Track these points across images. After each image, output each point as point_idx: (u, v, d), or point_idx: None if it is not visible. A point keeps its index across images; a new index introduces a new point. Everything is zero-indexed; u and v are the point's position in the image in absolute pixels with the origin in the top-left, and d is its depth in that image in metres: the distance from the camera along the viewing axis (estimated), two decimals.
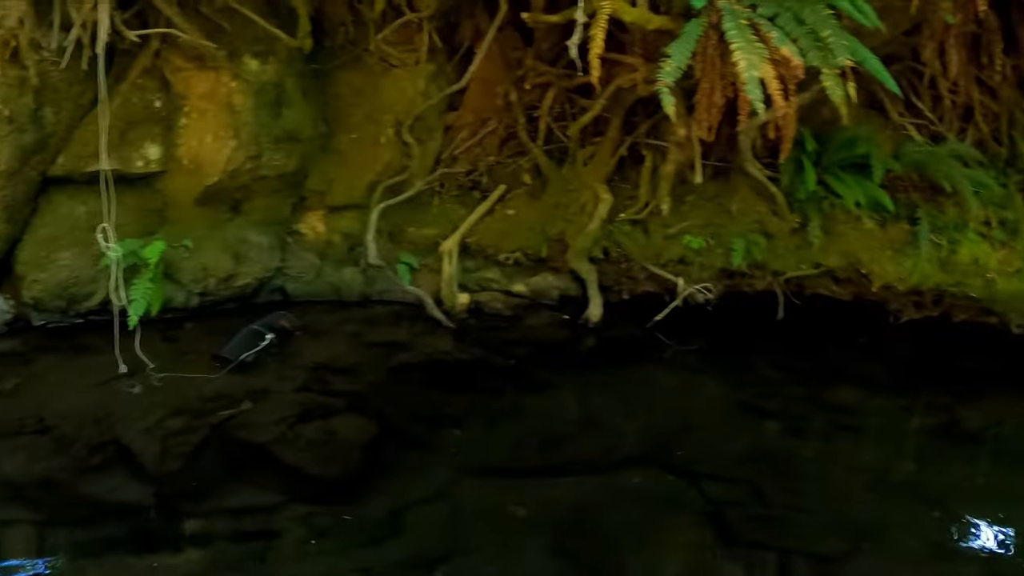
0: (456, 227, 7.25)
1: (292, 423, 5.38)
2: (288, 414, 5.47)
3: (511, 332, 6.96)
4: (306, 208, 7.20)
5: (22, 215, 6.23)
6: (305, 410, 5.55)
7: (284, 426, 5.36)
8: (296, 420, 5.43)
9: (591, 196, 7.23)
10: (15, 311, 6.46)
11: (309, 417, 5.48)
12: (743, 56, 5.45)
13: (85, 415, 5.36)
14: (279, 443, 5.23)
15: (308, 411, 5.55)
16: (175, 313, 6.79)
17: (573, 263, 7.15)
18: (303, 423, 5.41)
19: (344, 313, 7.11)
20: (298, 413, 5.49)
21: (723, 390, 6.28)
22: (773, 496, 4.87)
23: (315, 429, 5.38)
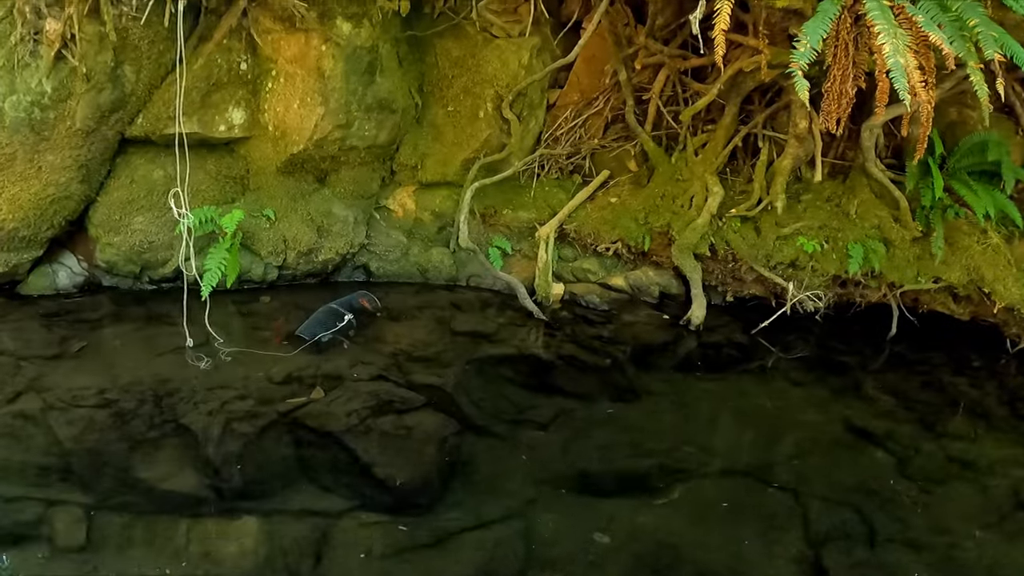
0: (554, 212, 6.68)
1: (365, 415, 4.88)
2: (361, 405, 4.97)
3: (606, 329, 6.36)
4: (396, 183, 6.68)
5: (98, 176, 5.84)
6: (380, 401, 5.05)
7: (356, 418, 4.86)
8: (370, 412, 4.93)
9: (701, 188, 6.62)
10: (87, 273, 6.09)
11: (384, 410, 4.99)
12: (888, 40, 4.75)
13: (146, 389, 4.98)
14: (349, 436, 4.76)
15: (383, 403, 5.05)
16: (251, 286, 6.34)
17: (677, 259, 6.52)
18: (377, 416, 4.92)
19: (429, 296, 6.58)
20: (372, 404, 5.00)
21: (829, 409, 5.58)
22: (881, 530, 4.36)
23: (389, 423, 4.88)
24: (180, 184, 5.25)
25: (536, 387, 5.58)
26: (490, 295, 6.68)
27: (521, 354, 5.95)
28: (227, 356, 5.34)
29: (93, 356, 5.35)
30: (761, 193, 6.61)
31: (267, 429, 4.78)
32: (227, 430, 4.69)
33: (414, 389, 5.27)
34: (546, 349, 6.03)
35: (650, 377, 5.84)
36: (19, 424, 4.65)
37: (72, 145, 5.55)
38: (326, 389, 5.13)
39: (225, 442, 4.62)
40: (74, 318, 5.78)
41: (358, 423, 4.82)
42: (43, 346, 5.39)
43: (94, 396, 4.90)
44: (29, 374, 5.07)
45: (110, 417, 4.73)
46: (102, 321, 5.79)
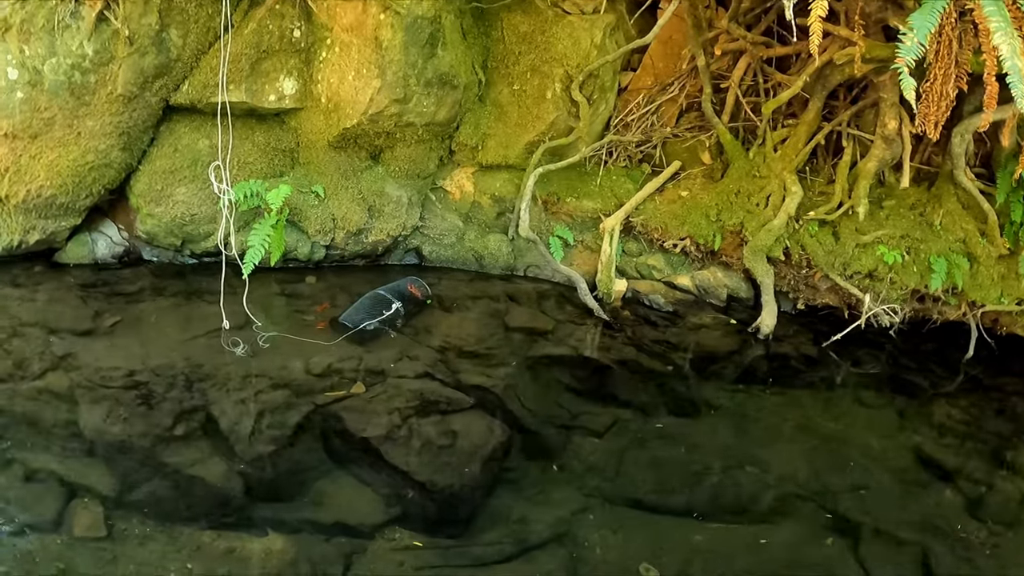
0: (621, 203, 6.15)
1: (408, 415, 4.44)
2: (405, 404, 4.53)
3: (670, 332, 5.83)
4: (454, 163, 6.19)
5: (140, 143, 5.44)
6: (425, 401, 4.60)
7: (398, 418, 4.41)
8: (413, 413, 4.49)
9: (778, 186, 6.07)
10: (127, 243, 5.71)
11: (428, 411, 4.55)
12: (1005, 41, 4.30)
13: (178, 373, 4.59)
14: (389, 440, 4.31)
15: (428, 403, 4.60)
16: (296, 265, 5.90)
17: (749, 261, 5.98)
18: (420, 417, 4.47)
19: (483, 286, 6.09)
20: (417, 405, 4.55)
21: (897, 435, 5.05)
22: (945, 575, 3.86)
23: (433, 427, 4.42)
24: (221, 157, 4.77)
25: (591, 393, 5.10)
26: (548, 287, 6.19)
27: (578, 356, 5.44)
28: (265, 342, 4.91)
29: (126, 333, 4.96)
30: (842, 196, 6.09)
31: (302, 425, 4.39)
32: (260, 424, 4.31)
33: (462, 390, 4.81)
34: (605, 352, 5.51)
35: (712, 388, 5.30)
36: (44, 403, 4.32)
37: (113, 111, 5.14)
38: (368, 384, 4.70)
39: (257, 436, 4.23)
40: (110, 290, 5.41)
41: (400, 425, 4.36)
42: (76, 320, 5.03)
43: (123, 378, 4.53)
44: (59, 349, 4.72)
45: (138, 402, 4.37)
46: (139, 295, 5.41)
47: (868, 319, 5.88)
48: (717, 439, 4.78)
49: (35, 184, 5.19)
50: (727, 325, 5.99)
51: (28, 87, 5.01)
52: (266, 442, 4.19)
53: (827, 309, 6.20)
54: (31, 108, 5.08)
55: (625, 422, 4.78)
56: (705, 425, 4.91)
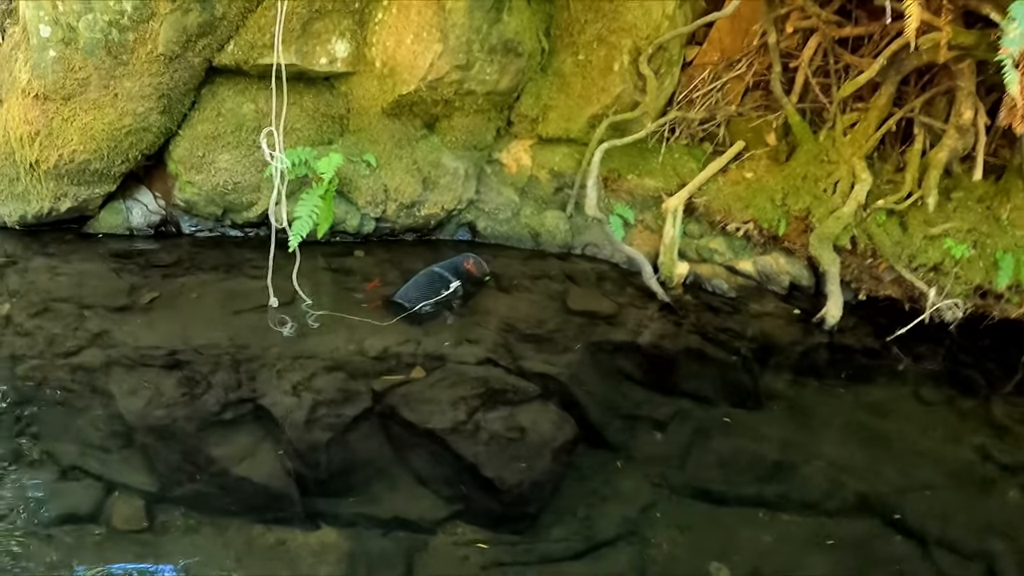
0: (683, 182, 5.72)
1: (474, 408, 4.02)
2: (469, 393, 4.11)
3: (733, 320, 5.38)
4: (511, 135, 5.74)
5: (180, 107, 5.02)
6: (490, 390, 4.18)
7: (463, 410, 3.99)
8: (479, 404, 4.07)
9: (847, 173, 5.62)
10: (163, 212, 5.29)
11: (494, 402, 4.12)
12: None
13: (222, 354, 4.20)
14: (455, 434, 3.89)
15: (493, 392, 4.17)
16: (343, 238, 5.47)
17: (815, 249, 5.54)
18: (487, 409, 4.06)
19: (539, 264, 5.66)
20: (481, 394, 4.13)
21: (960, 435, 4.64)
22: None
23: (500, 420, 4.00)
24: (275, 122, 4.32)
25: (655, 382, 4.68)
26: (607, 268, 5.76)
27: (642, 342, 4.98)
28: (315, 321, 4.49)
29: (165, 310, 4.56)
30: (912, 186, 5.64)
31: (359, 415, 3.97)
32: (313, 413, 3.90)
33: (526, 377, 4.38)
34: (669, 339, 5.05)
35: (775, 379, 4.90)
36: (78, 386, 3.96)
37: (153, 72, 4.71)
38: (427, 369, 4.30)
39: (310, 427, 3.83)
40: (146, 262, 5.01)
41: (465, 419, 3.94)
42: (110, 294, 4.63)
43: (163, 358, 4.14)
44: (92, 326, 4.34)
45: (180, 386, 3.98)
46: (177, 268, 5.01)
47: None
48: (782, 432, 4.42)
49: (68, 148, 4.77)
50: (791, 314, 5.56)
51: (61, 45, 4.59)
52: (321, 430, 3.80)
53: (888, 301, 5.78)
54: (64, 68, 4.67)
55: (689, 412, 4.43)
56: (769, 417, 4.54)
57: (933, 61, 5.37)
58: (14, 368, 4.01)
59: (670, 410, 4.42)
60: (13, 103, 4.81)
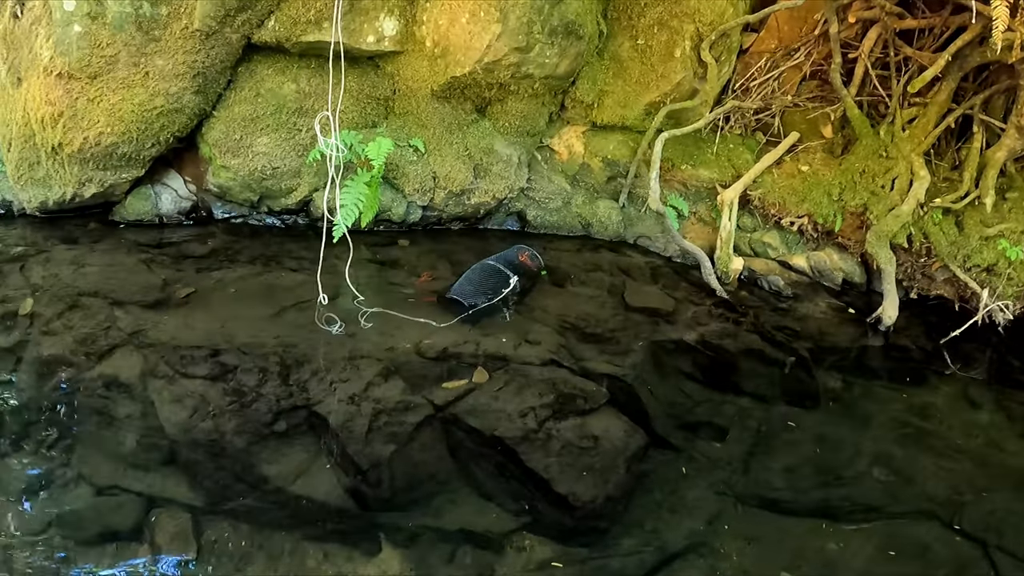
0: (738, 174, 5.45)
1: (544, 417, 3.69)
2: (537, 401, 3.77)
3: (791, 318, 5.08)
4: (564, 121, 5.37)
5: (216, 86, 4.62)
6: (558, 395, 3.84)
7: (533, 419, 3.65)
8: (549, 413, 3.74)
9: (905, 169, 5.36)
10: (195, 198, 4.89)
11: (564, 409, 3.79)
12: None
13: (269, 356, 3.83)
14: (525, 444, 3.56)
15: (562, 398, 3.83)
16: (388, 227, 5.08)
17: (872, 247, 5.27)
18: (557, 418, 3.72)
19: (592, 256, 5.30)
20: (550, 401, 3.80)
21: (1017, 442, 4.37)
22: None
23: (572, 430, 3.67)
24: (331, 105, 3.93)
25: (714, 382, 4.36)
26: (660, 261, 5.41)
27: (702, 341, 4.65)
28: (367, 321, 4.10)
29: (202, 306, 4.17)
30: (969, 185, 5.40)
31: (422, 425, 3.62)
32: (374, 422, 3.55)
33: (592, 379, 4.05)
34: (729, 338, 4.72)
35: (833, 380, 4.60)
36: (114, 394, 3.57)
37: (187, 49, 4.31)
38: (490, 371, 3.92)
39: (371, 437, 3.47)
40: (177, 253, 4.61)
41: (536, 428, 3.60)
42: (141, 289, 4.25)
43: (206, 362, 3.77)
44: (125, 325, 3.95)
45: (227, 395, 3.61)
46: (211, 260, 4.61)
47: None
48: (842, 435, 4.14)
49: (93, 131, 4.37)
50: (846, 313, 5.28)
51: (88, 20, 4.19)
52: (382, 442, 3.45)
53: (938, 300, 5.55)
54: (91, 44, 4.26)
55: (749, 413, 4.14)
56: (828, 418, 4.26)
57: (1001, 60, 5.13)
58: (43, 373, 3.64)
59: (731, 411, 4.13)
60: (33, 82, 4.41)
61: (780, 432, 4.05)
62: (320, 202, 4.64)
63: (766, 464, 3.80)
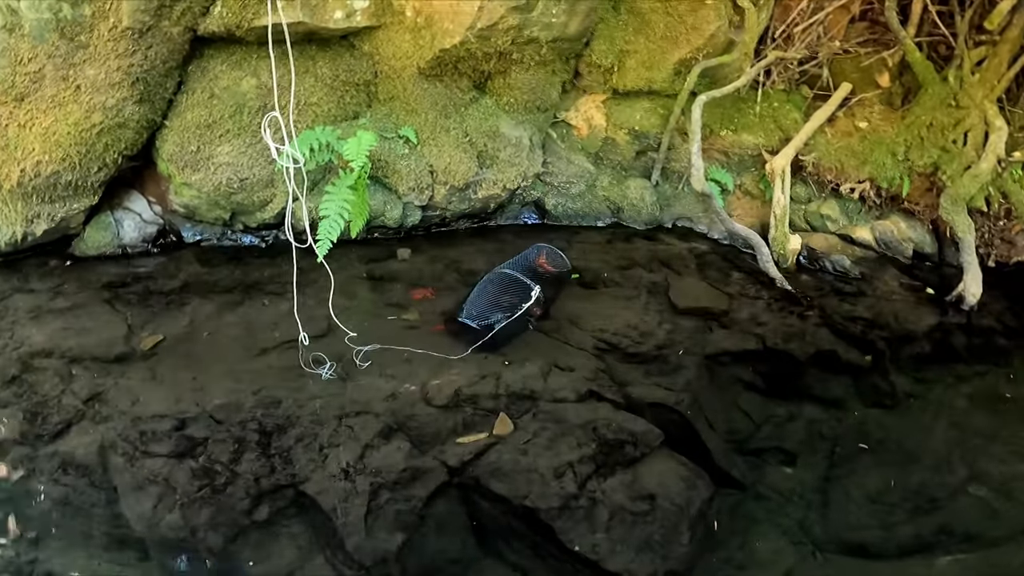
0: (787, 137, 4.71)
1: (586, 475, 3.02)
2: (575, 455, 3.11)
3: (862, 305, 4.31)
4: (579, 90, 4.57)
5: (162, 91, 3.87)
6: (601, 443, 3.13)
7: (572, 480, 2.98)
8: (591, 468, 3.03)
9: (979, 120, 4.59)
10: (161, 221, 4.16)
11: (609, 461, 3.09)
12: None
13: (247, 420, 3.13)
14: (565, 517, 2.87)
15: (606, 447, 3.12)
16: (383, 234, 4.33)
17: (947, 212, 4.52)
18: (601, 475, 3.04)
19: (626, 248, 4.55)
20: (592, 453, 3.10)
21: None
22: None
23: (621, 489, 2.98)
24: (279, 102, 3.13)
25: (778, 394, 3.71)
26: (705, 247, 4.68)
27: (764, 346, 3.89)
28: (360, 360, 3.34)
29: (171, 358, 3.46)
30: None
31: (434, 497, 2.93)
32: (375, 501, 2.86)
33: (640, 413, 3.32)
34: (795, 338, 3.96)
35: (914, 378, 3.90)
36: (72, 480, 2.93)
37: (120, 52, 3.57)
38: (514, 416, 3.18)
39: (373, 525, 2.79)
40: (145, 289, 3.91)
41: (576, 492, 2.91)
42: (105, 340, 3.54)
43: (173, 434, 3.07)
44: (83, 388, 3.27)
45: (195, 477, 2.92)
46: (183, 294, 3.91)
47: None
48: (930, 445, 3.52)
49: (30, 160, 3.67)
50: (920, 292, 4.52)
51: (3, 33, 3.48)
52: (386, 527, 2.78)
53: (1019, 267, 4.79)
54: (11, 61, 3.58)
55: (821, 430, 3.51)
56: (914, 428, 3.60)
57: None
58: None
59: (800, 429, 3.50)
60: None
61: (858, 450, 3.41)
62: (300, 212, 3.88)
63: (845, 493, 3.19)
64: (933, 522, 3.09)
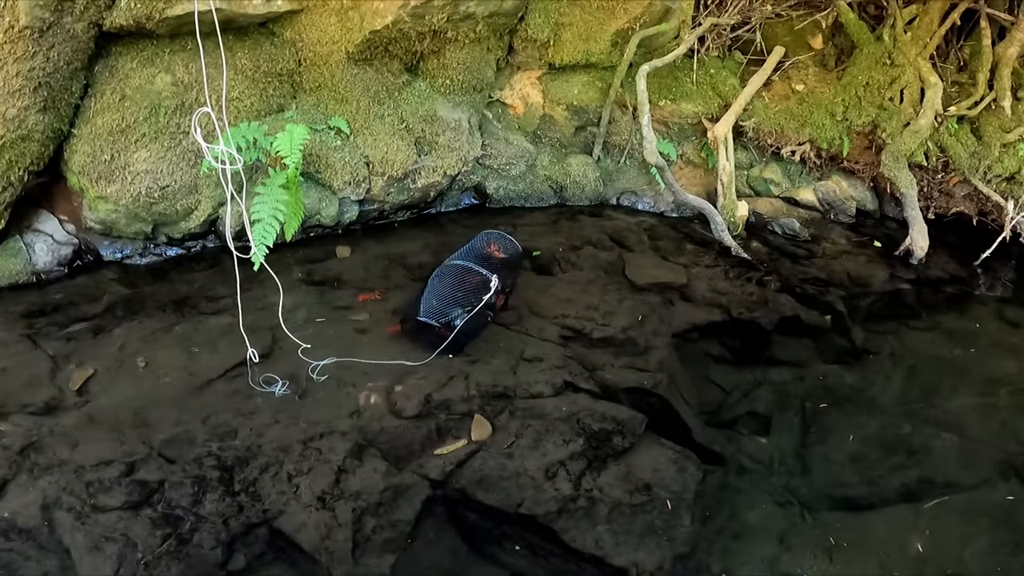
0: (726, 103, 4.61)
1: (579, 472, 2.86)
2: (563, 453, 2.95)
3: (815, 267, 4.29)
4: (515, 67, 4.28)
5: (68, 96, 3.45)
6: (590, 437, 2.95)
7: (566, 479, 2.84)
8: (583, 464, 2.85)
9: (914, 77, 4.62)
10: (76, 241, 3.73)
11: (600, 454, 2.92)
12: None
13: (202, 455, 2.79)
14: (565, 518, 2.67)
15: (594, 439, 2.95)
16: (319, 232, 4.00)
17: (889, 169, 4.53)
18: (595, 469, 2.86)
19: (574, 227, 4.35)
20: (582, 448, 2.92)
21: None
22: None
23: (617, 482, 2.82)
24: (211, 96, 2.78)
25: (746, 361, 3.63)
26: (654, 220, 4.54)
27: (729, 316, 3.77)
28: (316, 375, 3.05)
29: (106, 391, 3.07)
30: (984, 88, 4.68)
31: (422, 516, 2.69)
32: (360, 532, 2.58)
33: (617, 399, 3.17)
34: (759, 306, 3.86)
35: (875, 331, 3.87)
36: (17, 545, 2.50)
37: (19, 55, 3.16)
38: (492, 418, 2.94)
39: (362, 557, 2.53)
40: (66, 318, 3.50)
41: (572, 492, 2.71)
42: (28, 380, 3.12)
43: (123, 481, 2.68)
44: (14, 440, 2.83)
45: (156, 527, 2.56)
46: (109, 318, 3.52)
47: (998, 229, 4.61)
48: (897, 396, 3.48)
49: None
50: (869, 247, 4.55)
51: None
52: (376, 554, 2.52)
53: (956, 217, 4.85)
54: None
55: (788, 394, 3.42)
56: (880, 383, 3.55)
57: None
58: None
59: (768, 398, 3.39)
60: None
61: (829, 409, 3.33)
62: (239, 216, 3.54)
63: (823, 454, 3.12)
64: (912, 472, 3.05)
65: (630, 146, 4.45)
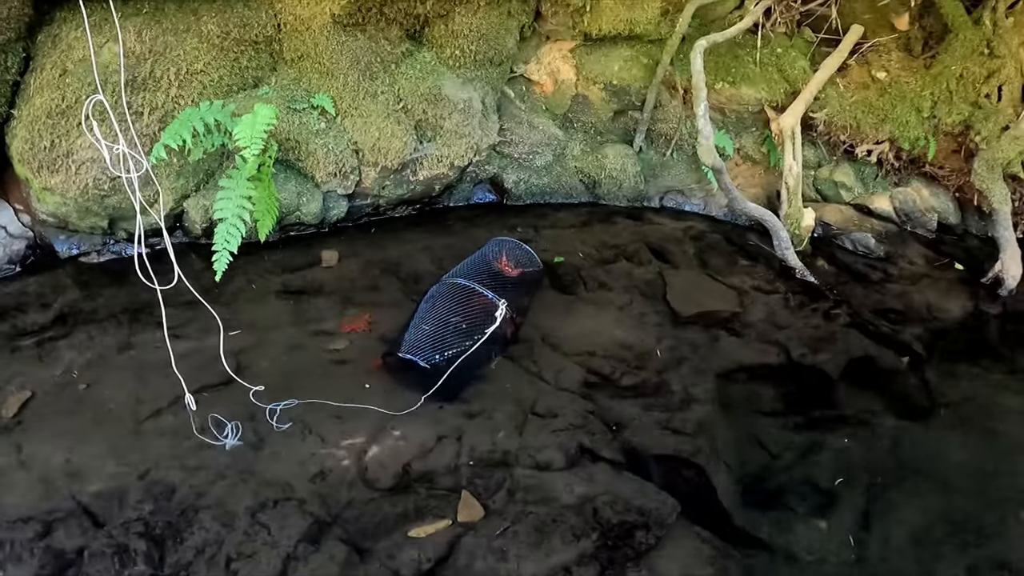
0: (794, 90, 3.98)
1: None
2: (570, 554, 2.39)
3: (887, 293, 3.67)
4: (542, 37, 3.67)
5: (4, 72, 2.97)
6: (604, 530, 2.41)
7: None
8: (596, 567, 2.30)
9: (1015, 72, 3.93)
10: (31, 234, 3.27)
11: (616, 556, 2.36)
12: None
13: (131, 525, 2.31)
14: None
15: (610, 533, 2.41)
16: (300, 232, 3.47)
17: (981, 180, 3.92)
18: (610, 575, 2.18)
19: (608, 232, 3.82)
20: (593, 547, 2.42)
21: None
22: None
23: None
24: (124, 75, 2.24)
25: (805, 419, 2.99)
26: (703, 226, 3.99)
27: (788, 358, 3.20)
28: (278, 424, 2.55)
29: (40, 423, 2.66)
30: None
31: None
32: None
33: (646, 472, 2.64)
34: (824, 345, 3.26)
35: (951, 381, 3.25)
36: None
37: None
38: (482, 494, 2.45)
39: None
40: (12, 327, 3.07)
41: None
42: None
43: (36, 546, 2.26)
44: None
45: None
46: (57, 330, 3.08)
47: None
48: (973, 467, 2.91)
49: None
50: (950, 270, 3.92)
51: None
52: None
53: None
54: None
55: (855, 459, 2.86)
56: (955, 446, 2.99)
57: None
58: None
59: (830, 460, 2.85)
60: None
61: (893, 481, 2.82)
62: (194, 213, 3.03)
63: (887, 538, 2.64)
64: (982, 554, 2.59)
65: (679, 136, 3.83)
